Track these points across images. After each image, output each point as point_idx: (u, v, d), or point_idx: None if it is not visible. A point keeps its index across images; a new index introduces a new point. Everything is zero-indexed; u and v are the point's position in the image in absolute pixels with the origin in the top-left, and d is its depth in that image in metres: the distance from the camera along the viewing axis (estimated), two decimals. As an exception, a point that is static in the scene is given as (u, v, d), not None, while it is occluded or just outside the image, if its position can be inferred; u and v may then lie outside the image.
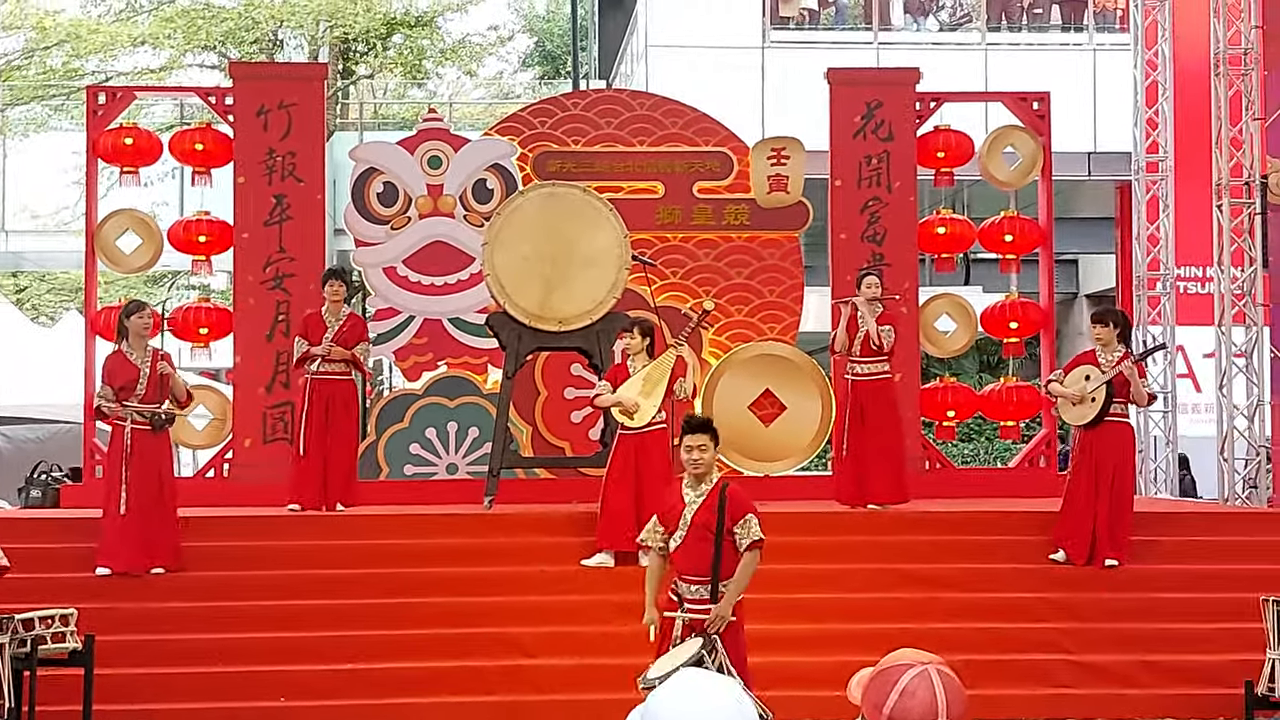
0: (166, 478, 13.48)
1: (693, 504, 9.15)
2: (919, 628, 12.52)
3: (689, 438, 9.19)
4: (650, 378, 13.46)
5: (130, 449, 13.18)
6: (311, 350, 14.72)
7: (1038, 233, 17.91)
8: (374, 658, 12.43)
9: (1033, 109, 17.91)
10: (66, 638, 11.06)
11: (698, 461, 9.17)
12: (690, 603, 9.12)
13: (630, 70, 30.20)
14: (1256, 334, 16.97)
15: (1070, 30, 27.98)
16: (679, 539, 9.13)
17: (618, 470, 13.39)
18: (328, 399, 14.79)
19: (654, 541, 9.36)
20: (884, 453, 14.98)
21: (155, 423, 13.26)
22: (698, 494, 9.18)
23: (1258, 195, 16.69)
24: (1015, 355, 18.50)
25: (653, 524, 9.40)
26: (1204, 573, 13.62)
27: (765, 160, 17.60)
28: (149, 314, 13.64)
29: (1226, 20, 17.18)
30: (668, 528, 9.21)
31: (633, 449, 13.40)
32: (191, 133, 17.80)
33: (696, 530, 9.06)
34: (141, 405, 13.19)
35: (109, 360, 13.50)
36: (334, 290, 14.95)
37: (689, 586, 9.12)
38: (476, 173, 17.44)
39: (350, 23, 32.39)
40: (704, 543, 9.03)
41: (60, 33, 32.39)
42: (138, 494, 13.13)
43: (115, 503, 13.12)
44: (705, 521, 9.05)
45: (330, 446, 14.80)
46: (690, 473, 9.24)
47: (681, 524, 9.14)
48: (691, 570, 9.10)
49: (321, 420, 14.77)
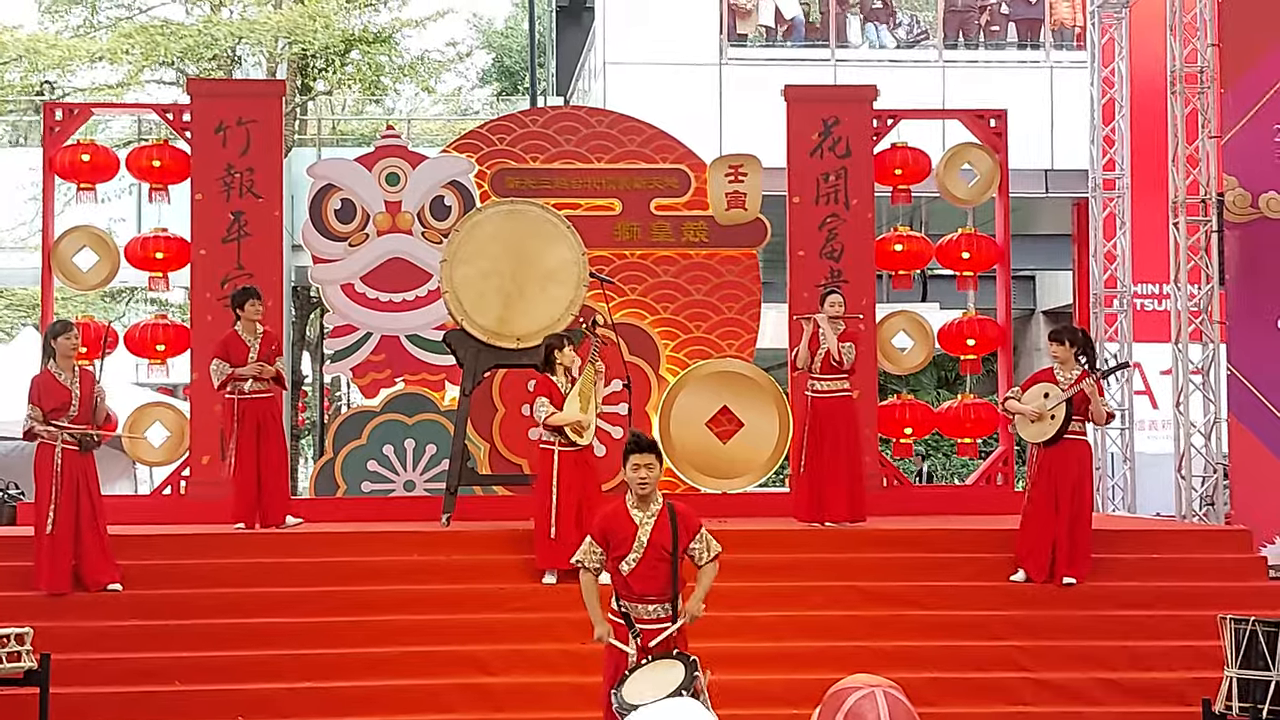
0: (95, 497, 13.37)
1: (645, 524, 8.97)
2: (877, 645, 12.55)
3: (637, 457, 8.99)
4: (584, 394, 13.51)
5: (61, 469, 13.11)
6: (239, 372, 14.74)
7: (995, 250, 17.95)
8: (332, 676, 12.38)
9: (990, 126, 17.95)
10: (22, 657, 11.01)
11: (644, 481, 8.97)
12: (647, 623, 8.95)
13: (588, 87, 30.22)
14: (1213, 351, 17.06)
15: (1027, 48, 28.09)
16: (634, 561, 8.94)
17: (565, 487, 13.36)
18: (258, 418, 14.83)
19: (592, 563, 9.12)
20: (843, 471, 14.99)
21: (85, 444, 13.21)
22: (648, 515, 9.00)
23: (1214, 213, 16.79)
24: (973, 372, 18.54)
25: (588, 544, 9.14)
26: (1162, 590, 13.65)
27: (723, 177, 17.61)
28: (76, 334, 13.60)
29: (1183, 38, 17.28)
30: (618, 550, 8.96)
31: (573, 464, 13.42)
32: (149, 149, 17.73)
33: (654, 550, 8.91)
34: (72, 426, 13.14)
35: (37, 381, 13.36)
36: (254, 309, 14.94)
37: (646, 608, 8.97)
38: (434, 189, 17.42)
39: (309, 39, 32.33)
40: (663, 563, 8.90)
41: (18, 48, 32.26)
42: (71, 514, 13.08)
43: (44, 523, 13.07)
44: (661, 541, 8.92)
45: (264, 464, 14.84)
46: (637, 493, 9.04)
47: (637, 546, 8.94)
48: (650, 591, 8.94)
49: (253, 440, 14.81)
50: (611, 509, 9.25)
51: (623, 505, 9.13)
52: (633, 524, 8.99)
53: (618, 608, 9.04)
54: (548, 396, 13.46)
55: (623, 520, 9.04)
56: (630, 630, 8.93)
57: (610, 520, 9.13)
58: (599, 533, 9.12)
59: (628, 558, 8.95)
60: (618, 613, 9.04)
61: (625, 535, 8.98)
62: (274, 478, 14.93)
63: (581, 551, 9.19)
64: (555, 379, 13.54)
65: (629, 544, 8.96)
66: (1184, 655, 12.74)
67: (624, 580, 8.99)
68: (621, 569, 8.97)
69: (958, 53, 27.71)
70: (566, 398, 13.43)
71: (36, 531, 13.19)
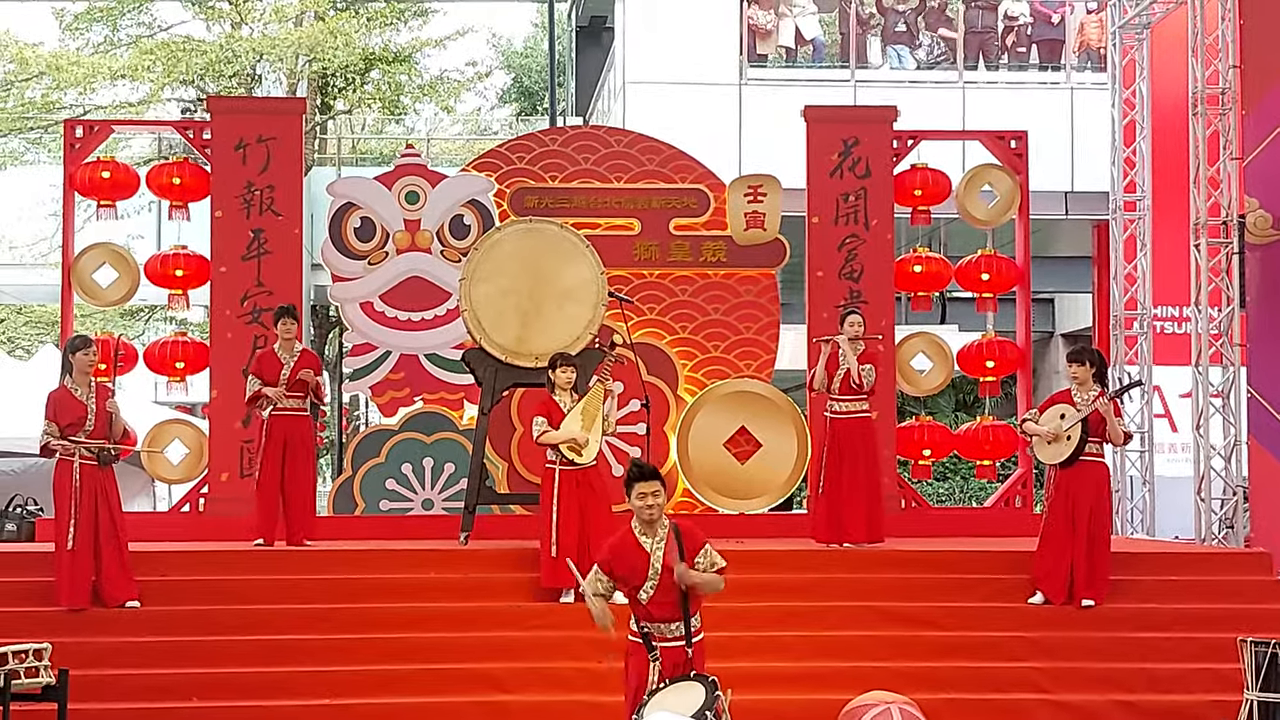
0: (116, 513, 13.37)
1: (656, 551, 8.95)
2: (896, 666, 12.51)
3: (642, 485, 8.96)
4: (587, 412, 13.46)
5: (80, 485, 13.14)
6: (264, 391, 14.74)
7: (1015, 271, 17.92)
8: (350, 693, 12.38)
9: (1010, 147, 17.93)
10: (40, 672, 10.98)
11: (652, 508, 8.95)
12: (665, 641, 8.96)
13: (608, 107, 30.20)
14: (1233, 374, 16.98)
15: (1048, 69, 28.04)
16: (651, 589, 8.93)
17: (565, 507, 13.32)
18: (285, 436, 14.85)
19: (600, 590, 9.08)
20: (861, 492, 14.97)
21: (103, 458, 13.23)
22: (657, 540, 8.98)
23: (1235, 235, 16.72)
24: (992, 394, 18.50)
25: (595, 573, 9.10)
26: (1181, 612, 13.59)
27: (742, 197, 17.61)
28: (94, 350, 13.58)
29: (1205, 60, 17.23)
30: (634, 580, 8.96)
31: (574, 484, 13.38)
32: (169, 166, 17.77)
33: (668, 574, 8.88)
34: (90, 441, 13.16)
35: (53, 396, 13.38)
36: (285, 328, 14.95)
37: (665, 626, 8.97)
38: (454, 208, 17.44)
39: (329, 58, 32.39)
40: (677, 587, 8.87)
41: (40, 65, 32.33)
42: (87, 530, 13.09)
43: (65, 539, 13.09)
44: (671, 564, 8.88)
45: (289, 483, 14.87)
46: (643, 519, 9.00)
47: (651, 573, 8.93)
48: (671, 615, 8.95)
49: (278, 457, 14.83)
50: (619, 539, 9.17)
51: (630, 534, 9.08)
52: (644, 551, 8.98)
53: (637, 629, 9.04)
54: (545, 415, 13.45)
55: (632, 549, 9.02)
56: (650, 652, 8.94)
57: (619, 550, 9.09)
58: (606, 563, 9.09)
59: (645, 587, 8.94)
60: (637, 633, 9.04)
61: (637, 564, 8.97)
62: (300, 497, 14.96)
63: (589, 580, 9.11)
64: (555, 397, 13.55)
65: (643, 573, 8.95)
66: (1203, 678, 12.68)
67: (645, 609, 8.98)
68: (640, 598, 8.97)
69: (978, 74, 27.65)
70: (567, 416, 13.42)
71: (57, 547, 13.20)
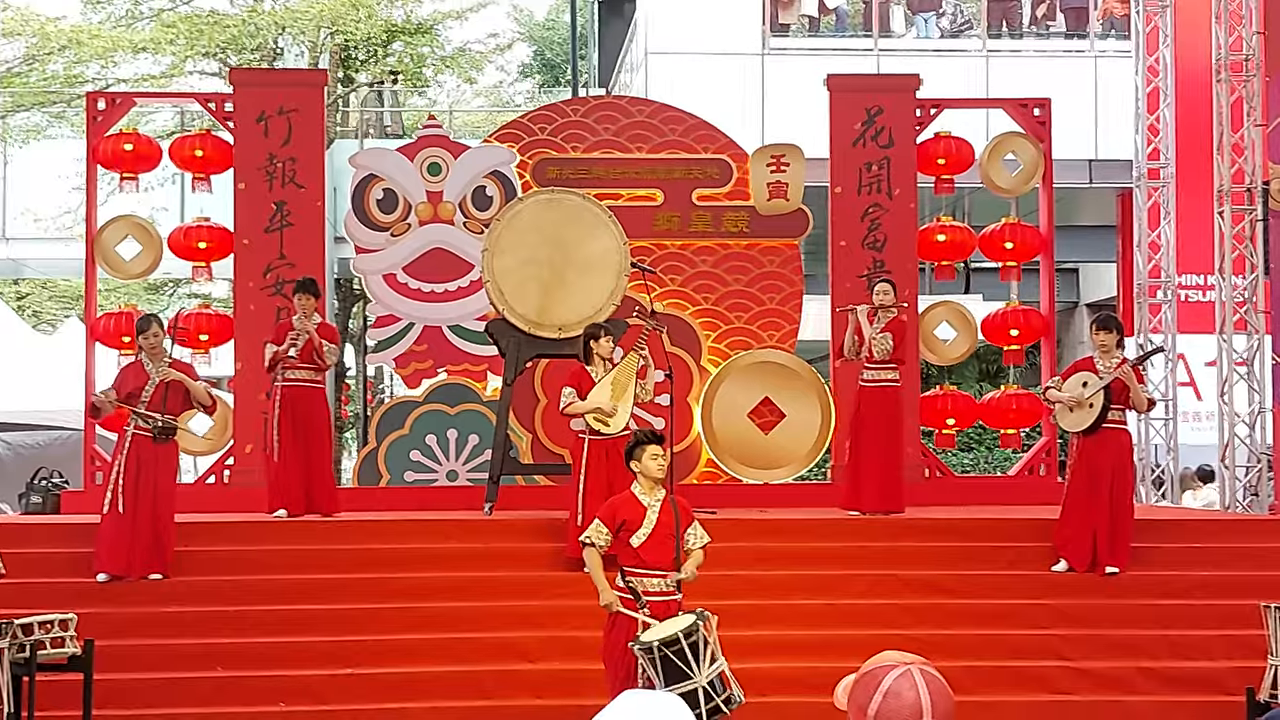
0: (165, 487, 13.40)
1: (653, 507, 10.09)
2: (918, 633, 12.50)
3: (653, 447, 10.21)
4: (618, 382, 13.41)
5: (128, 453, 13.18)
6: (273, 348, 14.64)
7: (1039, 240, 17.88)
8: (373, 662, 12.41)
9: (1034, 115, 17.88)
10: (66, 643, 11.03)
11: (662, 467, 10.23)
12: (653, 595, 9.94)
13: (630, 79, 30.16)
14: (1258, 341, 16.97)
15: (1073, 37, 27.93)
16: (645, 536, 10.00)
17: (594, 477, 13.31)
18: (296, 406, 14.76)
19: (600, 540, 10.08)
20: (878, 460, 14.97)
21: (155, 430, 13.24)
22: (654, 499, 10.13)
23: (1259, 202, 16.69)
24: (1016, 363, 18.49)
25: (597, 524, 10.14)
26: (1205, 579, 13.59)
27: (765, 167, 17.58)
28: (154, 331, 13.57)
29: (1228, 26, 17.19)
30: (630, 528, 10.00)
31: (604, 454, 13.33)
32: (191, 139, 17.81)
33: (661, 528, 10.01)
34: (143, 411, 13.19)
35: (125, 368, 13.57)
36: (301, 302, 14.85)
37: (652, 580, 9.99)
38: (476, 179, 17.45)
39: (351, 29, 32.35)
40: (669, 540, 9.97)
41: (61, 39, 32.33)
42: (131, 498, 13.12)
43: (112, 506, 13.12)
44: (667, 521, 10.02)
45: (306, 454, 14.81)
46: (653, 478, 10.16)
47: (647, 523, 10.03)
48: (658, 563, 9.99)
49: (291, 428, 14.75)
50: (621, 497, 10.35)
51: (631, 493, 10.24)
52: (642, 507, 10.11)
53: (625, 584, 10.01)
54: (576, 386, 13.44)
55: (632, 505, 10.15)
56: (638, 601, 9.90)
57: (620, 506, 10.21)
58: (608, 516, 10.18)
59: (639, 533, 10.02)
60: (625, 589, 10.01)
61: (636, 516, 10.07)
62: (315, 468, 14.91)
63: (590, 531, 10.18)
64: (591, 368, 13.53)
65: (639, 522, 10.05)
66: (1226, 645, 12.68)
67: (635, 553, 10.03)
68: (633, 543, 10.02)
69: (1001, 42, 27.55)
70: (597, 386, 13.39)
71: (103, 515, 13.24)
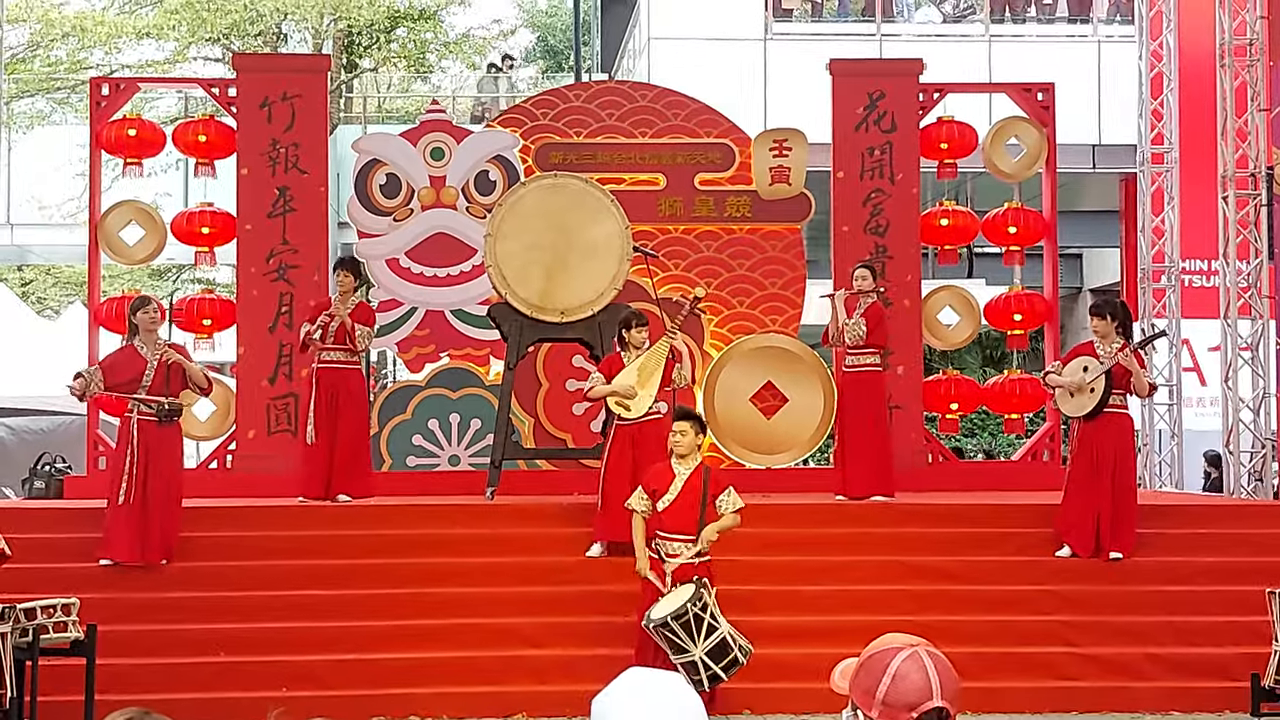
0: (174, 471, 13.37)
1: (681, 474, 11.11)
2: (922, 619, 12.47)
3: (680, 424, 11.21)
4: (645, 367, 13.37)
5: (135, 440, 13.15)
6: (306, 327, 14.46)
7: (1042, 225, 17.84)
8: (376, 648, 12.42)
9: (1037, 100, 17.84)
10: (68, 627, 11.03)
11: (678, 443, 11.17)
12: (674, 558, 10.99)
13: (632, 64, 30.11)
14: (1262, 327, 16.96)
15: (1076, 22, 27.87)
16: (669, 500, 11.03)
17: (615, 461, 13.25)
18: (334, 388, 14.59)
19: (640, 507, 11.17)
20: (864, 445, 14.92)
21: (160, 413, 13.21)
22: (685, 467, 11.14)
23: (1263, 187, 16.68)
24: (1019, 348, 18.47)
25: (639, 493, 11.25)
26: (1209, 565, 13.57)
27: (767, 152, 17.56)
28: (154, 307, 13.54)
29: (1232, 11, 17.16)
30: (659, 491, 11.07)
31: (630, 440, 13.28)
32: (195, 124, 17.79)
33: (687, 493, 10.99)
34: (148, 396, 13.16)
35: (115, 353, 13.47)
36: (341, 280, 14.80)
37: (673, 544, 11.04)
38: (479, 164, 17.44)
39: (354, 15, 32.37)
40: (693, 507, 10.94)
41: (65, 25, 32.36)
42: (141, 485, 13.07)
43: (116, 493, 13.10)
44: (694, 487, 10.99)
45: (338, 436, 14.63)
46: (676, 452, 11.18)
47: (672, 489, 11.05)
48: (679, 529, 11.00)
49: (328, 410, 14.59)
50: (657, 467, 11.42)
51: (667, 463, 11.28)
52: (671, 474, 11.15)
53: (653, 549, 11.09)
54: (605, 371, 13.43)
55: (664, 473, 11.21)
56: (663, 565, 10.96)
57: (655, 475, 11.29)
58: (646, 483, 11.27)
59: (665, 497, 11.06)
60: (654, 552, 11.10)
61: (664, 483, 11.12)
62: (346, 451, 14.66)
63: (633, 498, 11.31)
64: (625, 354, 13.49)
65: (666, 488, 11.07)
66: (1231, 630, 12.67)
67: (659, 516, 11.10)
68: (658, 506, 11.09)
69: (1004, 26, 27.50)
70: (623, 370, 13.35)
71: (109, 501, 13.20)
